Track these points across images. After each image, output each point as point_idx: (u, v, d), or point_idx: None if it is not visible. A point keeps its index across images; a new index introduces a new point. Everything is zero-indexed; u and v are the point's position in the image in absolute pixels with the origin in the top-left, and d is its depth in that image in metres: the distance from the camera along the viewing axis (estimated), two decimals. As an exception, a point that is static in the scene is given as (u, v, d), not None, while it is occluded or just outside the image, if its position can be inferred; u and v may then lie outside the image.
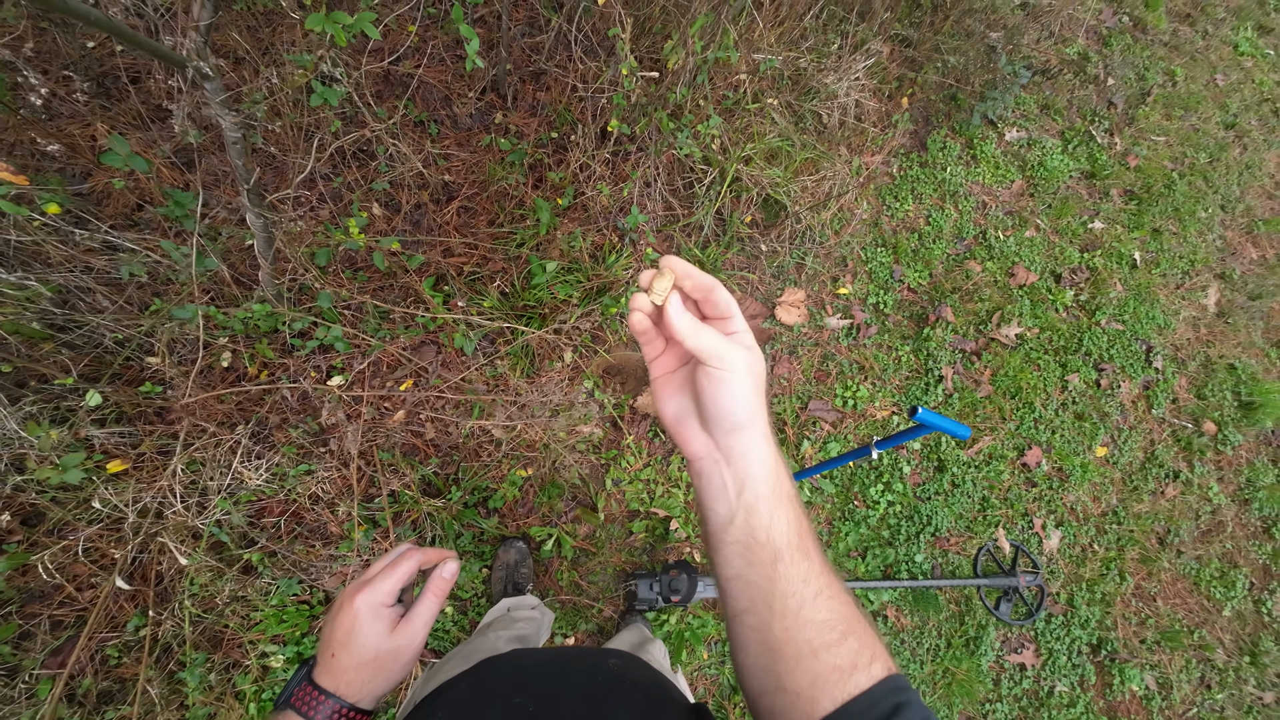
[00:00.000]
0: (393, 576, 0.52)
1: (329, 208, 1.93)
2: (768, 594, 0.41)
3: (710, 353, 0.40)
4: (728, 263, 2.08)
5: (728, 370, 0.40)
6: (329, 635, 0.51)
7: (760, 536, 0.42)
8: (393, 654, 0.50)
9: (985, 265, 2.29)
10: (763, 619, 0.41)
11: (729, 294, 0.43)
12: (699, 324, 0.41)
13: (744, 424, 0.42)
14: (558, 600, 1.64)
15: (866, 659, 0.41)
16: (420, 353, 1.75)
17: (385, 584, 0.51)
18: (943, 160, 2.42)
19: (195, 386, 1.59)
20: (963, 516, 1.97)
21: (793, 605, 0.41)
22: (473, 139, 2.10)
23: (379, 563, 0.54)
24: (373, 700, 0.50)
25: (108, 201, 1.76)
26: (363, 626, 0.50)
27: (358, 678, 0.49)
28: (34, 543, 1.39)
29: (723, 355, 0.40)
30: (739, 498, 0.42)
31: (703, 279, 0.43)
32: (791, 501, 0.43)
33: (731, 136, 1.97)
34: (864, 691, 0.39)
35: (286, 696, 0.49)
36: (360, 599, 0.50)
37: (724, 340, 0.41)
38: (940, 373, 2.09)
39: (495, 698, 0.53)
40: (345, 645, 0.49)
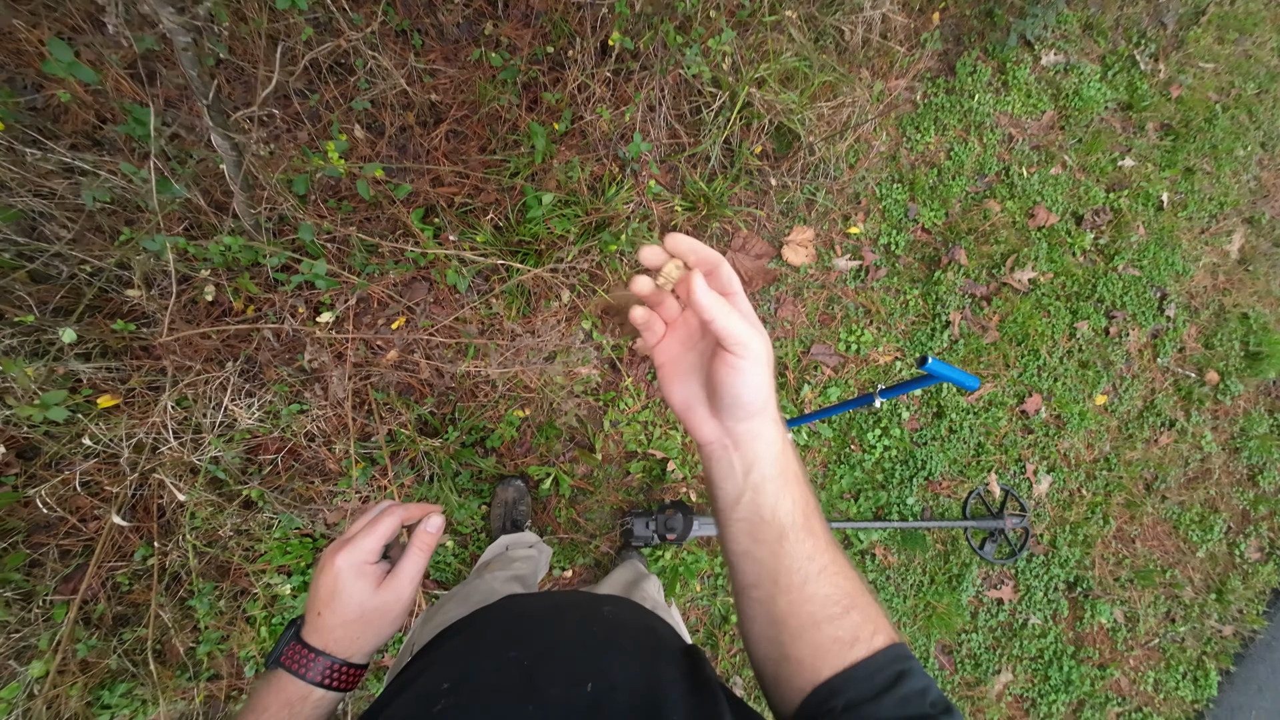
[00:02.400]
0: (374, 534, 0.51)
1: (307, 129, 1.79)
2: (773, 570, 0.43)
3: (737, 338, 0.39)
4: (734, 197, 1.97)
5: (749, 358, 0.40)
6: (314, 595, 0.50)
7: (766, 515, 0.43)
8: (380, 610, 0.50)
9: (1005, 205, 2.18)
10: (768, 593, 0.43)
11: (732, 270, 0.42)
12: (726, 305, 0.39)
13: (758, 411, 0.42)
14: (556, 537, 1.68)
15: (869, 632, 0.42)
16: (411, 289, 1.69)
17: (366, 542, 0.50)
18: (971, 87, 2.24)
19: (180, 321, 1.54)
20: (957, 461, 1.99)
21: (797, 581, 0.42)
22: (461, 53, 1.91)
23: (360, 520, 0.53)
24: (364, 655, 0.50)
25: (65, 118, 1.63)
26: (345, 585, 0.49)
27: (346, 635, 0.49)
28: (32, 475, 1.39)
29: (747, 342, 0.40)
30: (746, 478, 0.43)
31: (709, 254, 0.41)
32: (798, 482, 0.44)
33: (744, 54, 1.79)
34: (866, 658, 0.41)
35: (277, 655, 0.49)
36: (340, 558, 0.49)
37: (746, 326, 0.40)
38: (948, 318, 2.04)
39: (491, 652, 0.53)
40: (330, 604, 0.49)
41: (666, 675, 0.48)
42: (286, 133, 1.81)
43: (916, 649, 1.90)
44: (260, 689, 0.48)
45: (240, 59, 1.72)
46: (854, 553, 1.89)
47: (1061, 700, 1.94)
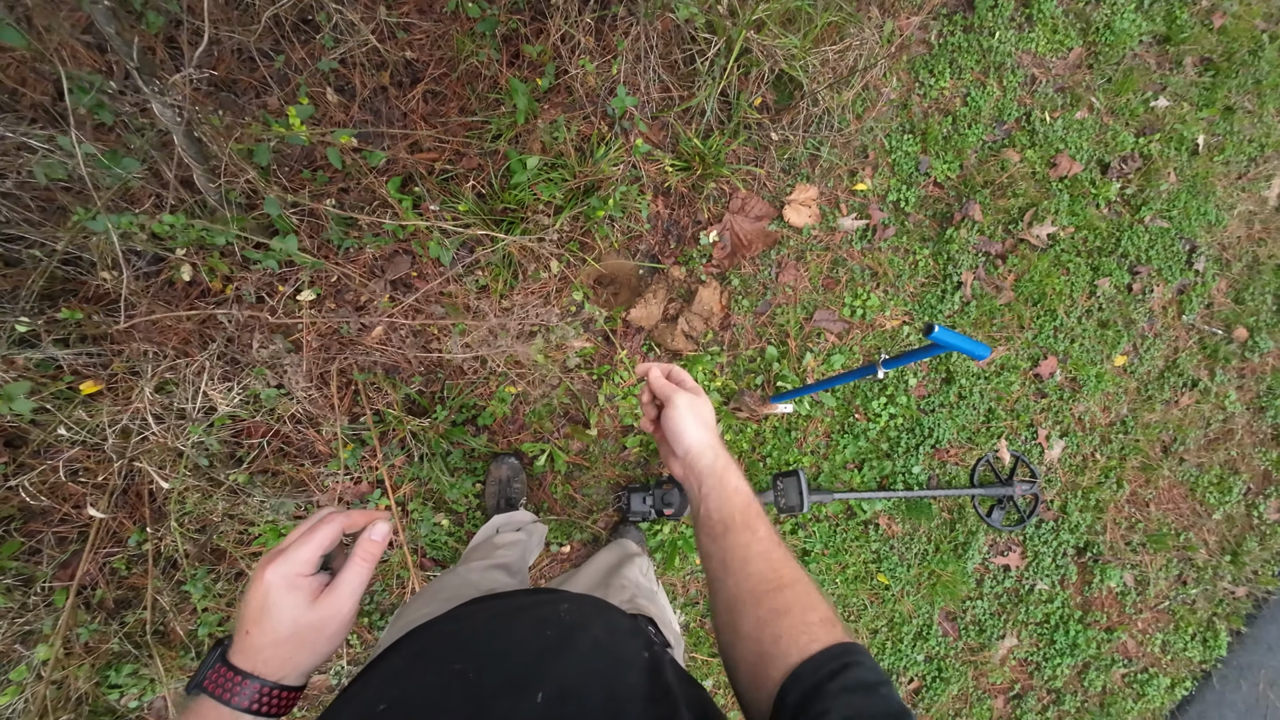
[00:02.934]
0: (309, 543, 0.47)
1: (275, 94, 1.69)
2: (723, 558, 0.54)
3: (663, 393, 0.65)
4: (732, 155, 1.84)
5: (672, 406, 0.63)
6: (242, 611, 0.46)
7: (715, 515, 0.56)
8: (315, 626, 0.46)
9: (1025, 154, 2.03)
10: (720, 579, 0.54)
11: (682, 370, 0.68)
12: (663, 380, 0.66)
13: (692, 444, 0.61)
14: (552, 514, 1.66)
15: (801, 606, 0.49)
16: (392, 263, 1.62)
17: (301, 552, 0.46)
18: (992, 23, 2.05)
19: (156, 303, 1.49)
20: (966, 428, 1.92)
21: (738, 563, 0.53)
22: (436, 3, 1.77)
23: (297, 529, 0.49)
24: (300, 675, 0.46)
25: (23, 90, 1.54)
26: (276, 599, 0.45)
27: (277, 654, 0.45)
28: (21, 464, 1.38)
29: (668, 395, 0.64)
30: (700, 492, 0.59)
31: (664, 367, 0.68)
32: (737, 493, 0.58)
33: (741, -6, 1.64)
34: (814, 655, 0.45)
35: (199, 680, 0.45)
36: (270, 570, 0.45)
37: (671, 387, 0.65)
38: (960, 278, 1.93)
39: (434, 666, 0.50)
40: (259, 621, 0.45)
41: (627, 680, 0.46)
42: (254, 99, 1.71)
43: (920, 616, 1.89)
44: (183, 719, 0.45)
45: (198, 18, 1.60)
46: (857, 523, 1.86)
47: (1066, 663, 1.94)
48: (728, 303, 1.84)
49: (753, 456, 1.81)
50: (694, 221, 1.86)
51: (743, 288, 1.85)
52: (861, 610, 1.88)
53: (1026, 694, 1.95)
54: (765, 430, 1.82)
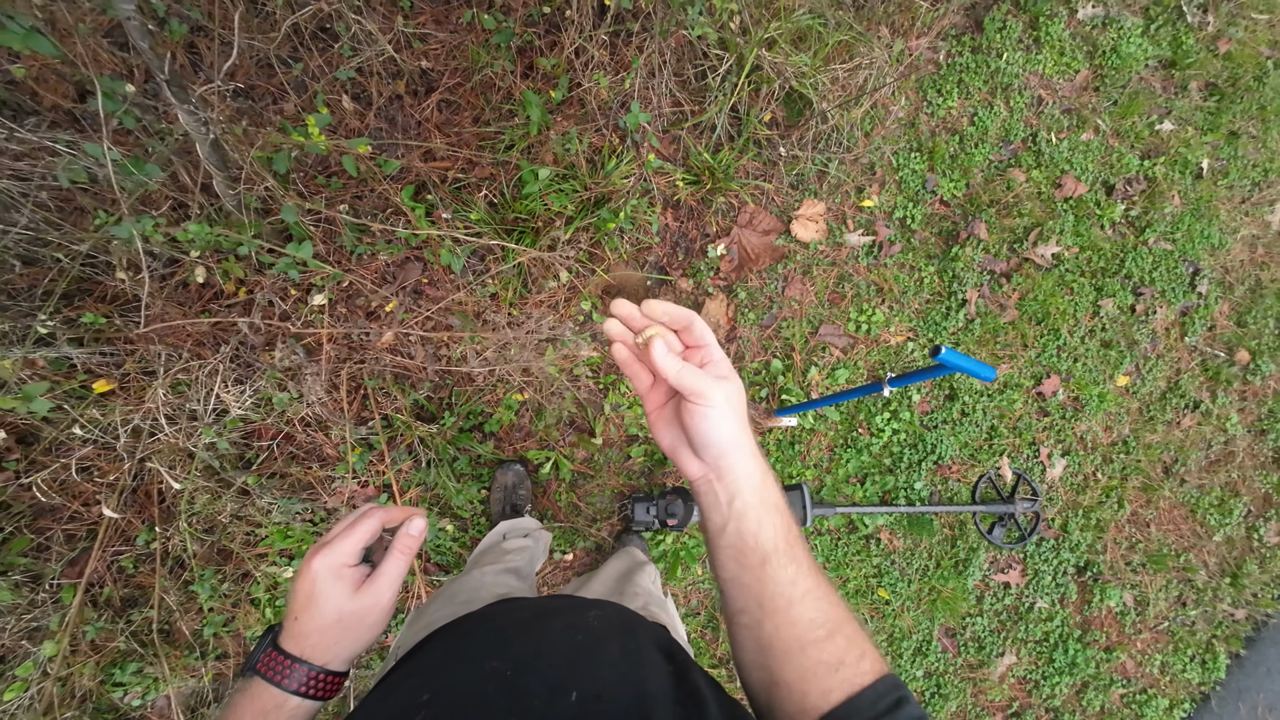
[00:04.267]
0: (352, 536, 0.50)
1: (292, 100, 1.71)
2: (758, 594, 0.45)
3: (691, 389, 0.44)
4: (741, 169, 1.87)
5: (708, 405, 0.45)
6: (292, 599, 0.49)
7: (750, 541, 0.46)
8: (357, 615, 0.49)
9: (1030, 174, 2.05)
10: (755, 618, 0.45)
11: (705, 324, 0.48)
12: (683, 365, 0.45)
13: (728, 449, 0.46)
14: (556, 522, 1.67)
15: (854, 656, 0.44)
16: (404, 270, 1.64)
17: (345, 544, 0.49)
18: (1000, 45, 2.08)
19: (170, 305, 1.51)
20: (968, 445, 1.93)
21: (781, 604, 0.45)
22: (452, 15, 1.80)
23: (340, 523, 0.51)
24: (343, 662, 0.49)
25: (44, 93, 1.57)
26: (323, 589, 0.48)
27: (323, 640, 0.48)
28: (33, 461, 1.40)
29: (702, 391, 0.44)
30: (730, 507, 0.47)
31: (681, 314, 0.47)
32: (779, 511, 0.47)
33: (753, 13, 1.66)
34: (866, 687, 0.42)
35: (253, 663, 0.48)
36: (318, 561, 0.48)
37: (704, 377, 0.45)
38: (964, 296, 1.95)
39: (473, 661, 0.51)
40: (307, 608, 0.48)
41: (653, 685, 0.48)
42: (271, 105, 1.74)
43: (919, 632, 1.90)
44: (236, 698, 0.48)
45: (221, 26, 1.63)
46: (858, 538, 1.87)
47: (1065, 682, 1.94)
48: (734, 315, 1.86)
49: (756, 468, 1.82)
50: (702, 234, 1.88)
51: (749, 301, 1.86)
52: (861, 625, 1.88)
53: (1025, 712, 1.95)
54: (769, 443, 1.83)
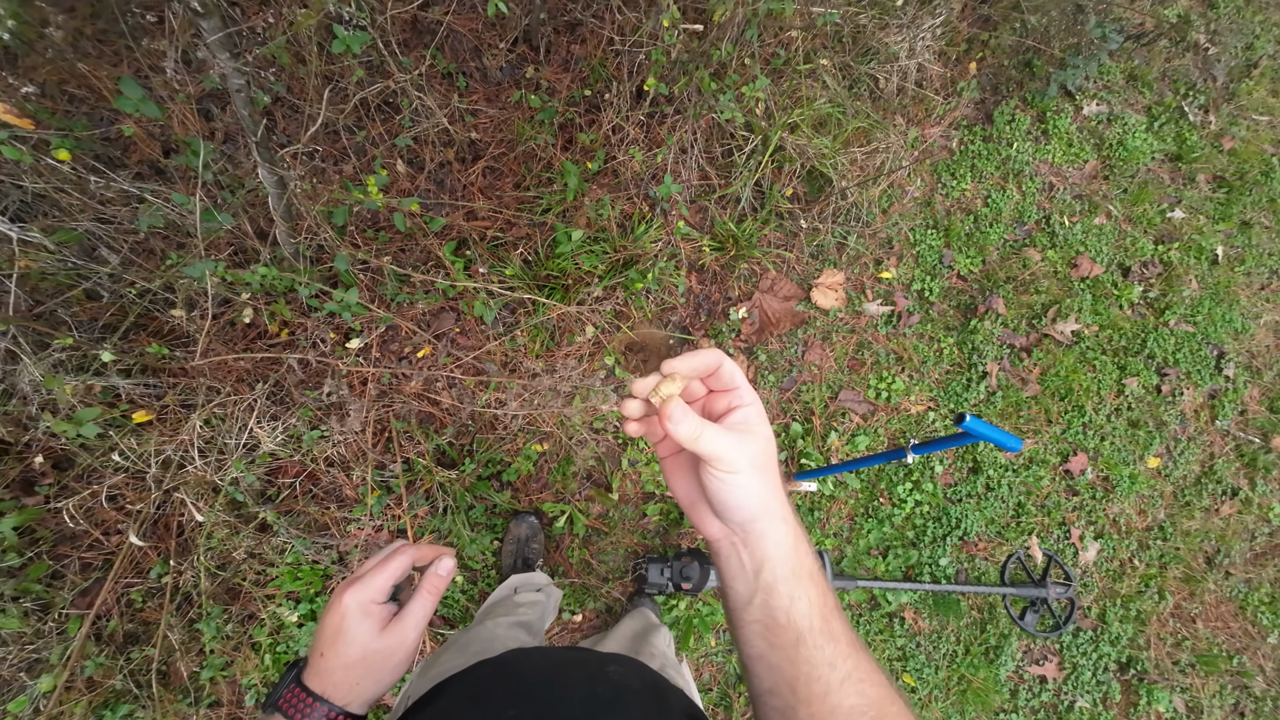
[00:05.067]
0: (384, 573, 0.49)
1: (352, 163, 1.87)
2: (791, 677, 0.40)
3: (713, 455, 0.39)
4: (764, 239, 1.96)
5: (730, 471, 0.39)
6: (319, 634, 0.48)
7: (781, 618, 0.40)
8: (382, 654, 0.48)
9: (1046, 254, 2.11)
10: (788, 703, 0.40)
11: (734, 364, 0.42)
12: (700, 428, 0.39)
13: (756, 515, 0.41)
14: (567, 579, 1.63)
15: None
16: (439, 319, 1.71)
17: (376, 580, 0.49)
18: (1010, 135, 2.21)
19: (217, 343, 1.58)
20: (994, 521, 1.87)
21: (818, 691, 0.39)
22: (502, 94, 1.99)
23: (371, 559, 0.51)
24: (363, 704, 0.48)
25: (134, 148, 1.74)
26: (351, 624, 0.47)
27: (345, 679, 0.47)
28: (64, 486, 1.43)
29: (724, 457, 0.39)
30: (758, 578, 0.41)
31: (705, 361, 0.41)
32: (813, 580, 0.41)
33: (778, 100, 1.81)
34: None
35: (275, 699, 0.47)
36: (349, 595, 0.48)
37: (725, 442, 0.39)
38: (985, 368, 1.95)
39: (489, 711, 0.50)
40: (334, 644, 0.47)
41: None
42: (333, 166, 1.90)
43: (949, 727, 1.75)
44: None
45: (296, 97, 1.82)
46: (881, 615, 1.78)
47: (1114, 798, 1.75)
48: (754, 377, 1.88)
49: (774, 534, 1.78)
50: (725, 297, 1.95)
51: (769, 363, 1.89)
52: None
53: (1070, 832, 1.75)
54: (787, 508, 1.79)
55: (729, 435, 0.39)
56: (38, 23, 1.53)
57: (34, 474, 1.44)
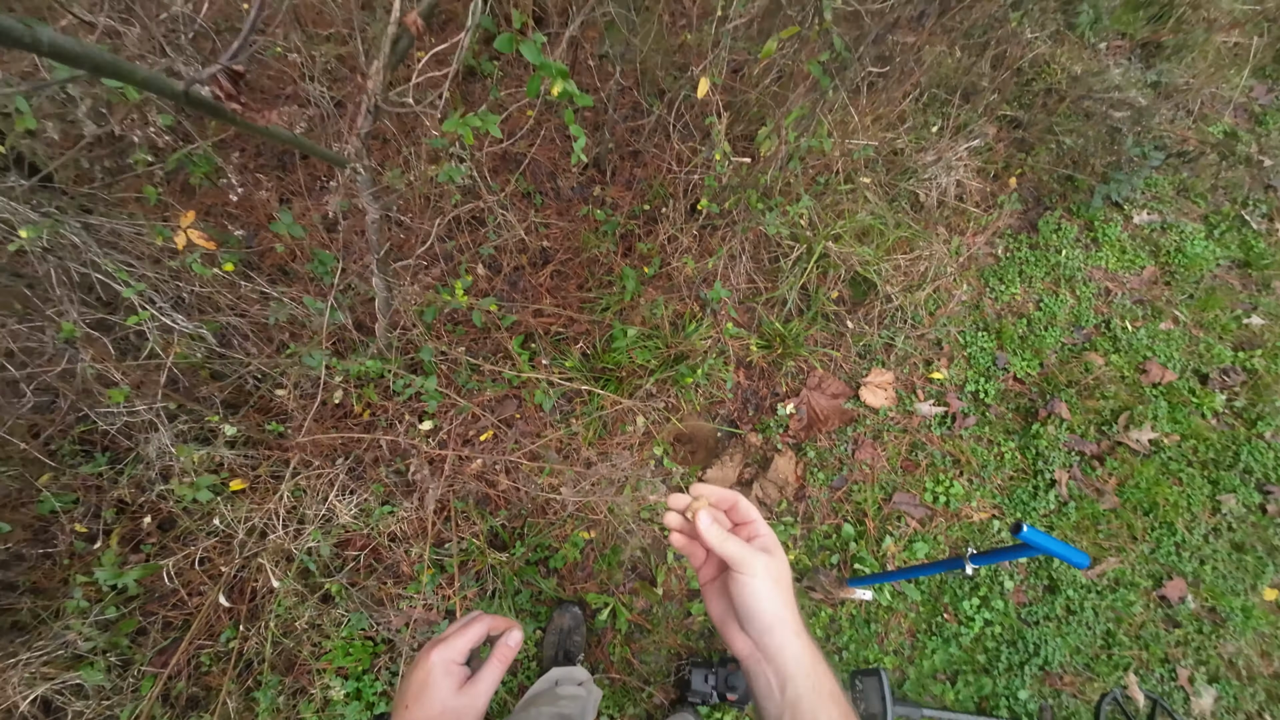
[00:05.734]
0: (465, 636, 0.54)
1: (440, 268, 2.15)
2: None
3: (733, 557, 0.47)
4: (810, 338, 2.03)
5: (748, 574, 0.47)
6: (404, 688, 0.53)
7: None
8: (456, 712, 0.51)
9: (1110, 358, 2.05)
10: None
11: (749, 503, 0.53)
12: (726, 534, 0.49)
13: (772, 624, 0.47)
14: (608, 677, 1.58)
15: None
16: (502, 406, 1.85)
17: (458, 642, 0.54)
18: (1057, 243, 2.25)
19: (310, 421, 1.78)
20: (1081, 651, 1.68)
21: None
22: (571, 209, 2.27)
23: (455, 624, 0.57)
24: None
25: (268, 255, 2.09)
26: (435, 680, 0.51)
27: None
28: (164, 546, 1.58)
29: (742, 560, 0.47)
30: (783, 695, 0.45)
31: (724, 495, 0.53)
32: (835, 701, 0.45)
33: (821, 215, 1.97)
34: None
35: None
36: (435, 654, 0.52)
37: (745, 547, 0.48)
38: (1052, 476, 1.85)
39: None
40: (418, 698, 0.51)
41: None
42: (424, 270, 2.19)
43: None
44: None
45: (402, 213, 2.15)
46: (953, 754, 1.58)
47: None
48: (803, 474, 1.87)
49: (827, 646, 1.67)
50: (772, 393, 2.00)
51: (818, 461, 1.88)
52: None
53: None
54: (841, 617, 1.69)
55: (749, 546, 0.48)
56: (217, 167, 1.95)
57: (141, 533, 1.61)
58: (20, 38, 0.45)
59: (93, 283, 1.39)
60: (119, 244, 1.41)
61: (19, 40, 0.45)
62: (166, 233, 1.25)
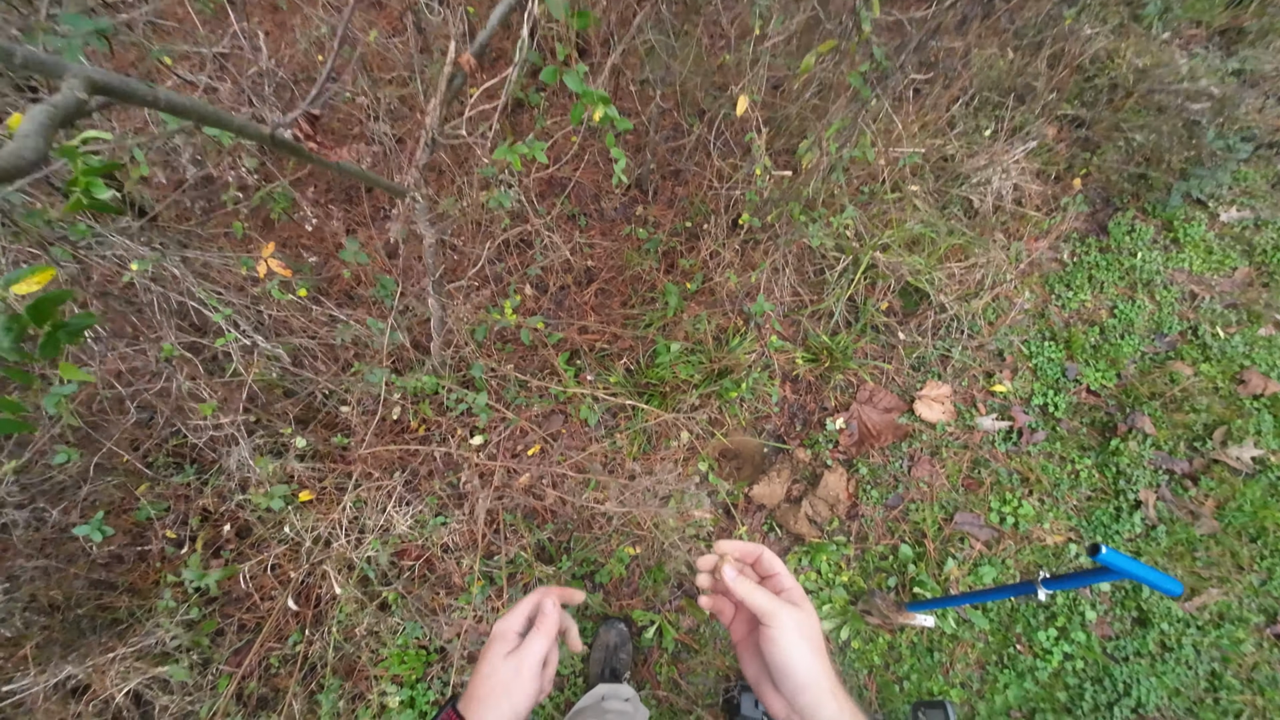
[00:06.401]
0: (523, 603, 0.57)
1: (490, 289, 2.24)
2: None
3: (760, 609, 0.48)
4: (860, 351, 1.97)
5: (777, 627, 0.47)
6: (477, 663, 0.55)
7: None
8: (503, 681, 0.52)
9: (1199, 368, 1.88)
10: None
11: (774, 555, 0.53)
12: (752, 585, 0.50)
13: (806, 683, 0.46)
14: (654, 696, 1.55)
15: None
16: (549, 421, 1.89)
17: (516, 609, 0.57)
18: (1131, 245, 2.10)
19: (371, 435, 1.88)
20: (1181, 694, 1.50)
21: None
22: (615, 229, 2.32)
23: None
24: None
25: (336, 281, 2.25)
26: (490, 646, 0.54)
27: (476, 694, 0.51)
28: (240, 553, 1.70)
29: (770, 611, 0.48)
30: None
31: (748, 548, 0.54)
32: None
33: (867, 225, 1.93)
34: None
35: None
36: (498, 624, 0.56)
37: (771, 598, 0.49)
38: (1137, 497, 1.70)
39: None
40: (479, 666, 0.54)
41: None
42: (475, 291, 2.29)
43: None
44: None
45: (454, 238, 2.27)
46: (1034, 802, 1.45)
47: None
48: (855, 491, 1.80)
49: (886, 675, 1.57)
50: (820, 407, 1.95)
51: (872, 478, 1.81)
52: None
53: None
54: (901, 644, 1.60)
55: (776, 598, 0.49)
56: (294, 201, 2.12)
57: (222, 540, 1.74)
58: (144, 97, 0.52)
59: (188, 310, 1.55)
60: (209, 274, 1.56)
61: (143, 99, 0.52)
62: (250, 262, 1.38)
